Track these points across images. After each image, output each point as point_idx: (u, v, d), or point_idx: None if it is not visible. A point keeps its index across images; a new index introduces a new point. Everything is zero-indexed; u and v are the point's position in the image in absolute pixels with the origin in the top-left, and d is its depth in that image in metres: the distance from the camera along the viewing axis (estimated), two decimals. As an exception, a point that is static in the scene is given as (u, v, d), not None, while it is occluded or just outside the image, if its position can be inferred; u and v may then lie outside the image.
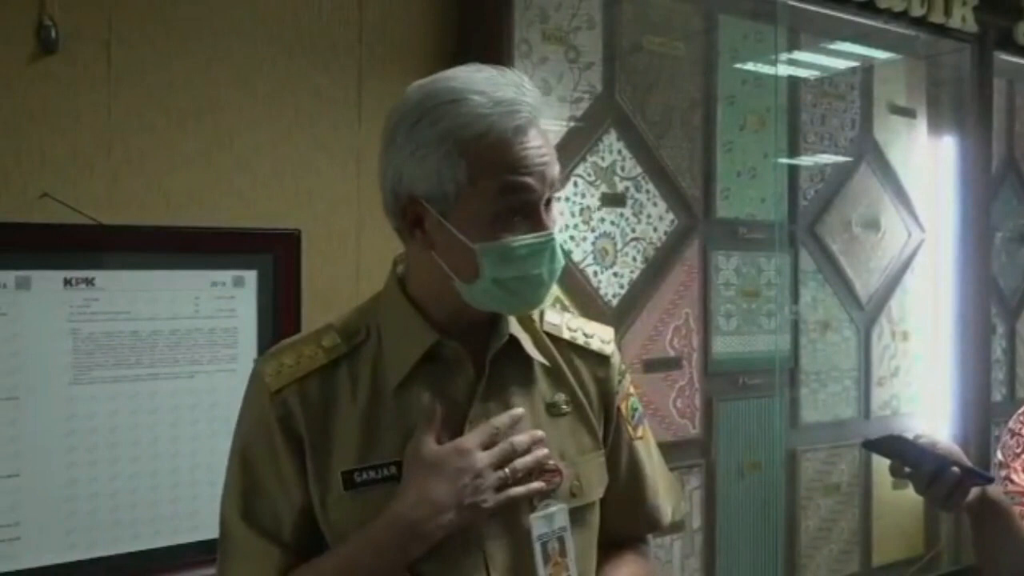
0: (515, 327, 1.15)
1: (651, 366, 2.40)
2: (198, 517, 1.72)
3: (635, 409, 1.27)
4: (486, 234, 1.04)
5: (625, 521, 1.25)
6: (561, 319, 1.23)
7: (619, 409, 1.24)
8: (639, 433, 1.26)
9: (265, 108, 1.87)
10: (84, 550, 1.65)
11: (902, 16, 2.75)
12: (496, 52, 2.04)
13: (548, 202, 1.08)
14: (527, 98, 1.06)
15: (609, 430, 1.22)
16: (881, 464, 2.84)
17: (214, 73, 1.82)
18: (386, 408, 1.09)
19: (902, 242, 3.01)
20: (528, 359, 1.15)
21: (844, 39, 2.81)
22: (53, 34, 1.64)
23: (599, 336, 1.23)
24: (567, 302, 2.24)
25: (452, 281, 1.07)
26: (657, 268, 2.42)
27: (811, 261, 2.78)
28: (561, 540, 1.11)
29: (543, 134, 1.08)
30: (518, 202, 1.04)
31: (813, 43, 2.77)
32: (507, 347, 1.13)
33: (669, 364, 2.44)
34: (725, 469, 2.55)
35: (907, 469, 1.36)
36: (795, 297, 2.74)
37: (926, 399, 3.07)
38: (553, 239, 1.06)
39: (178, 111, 1.78)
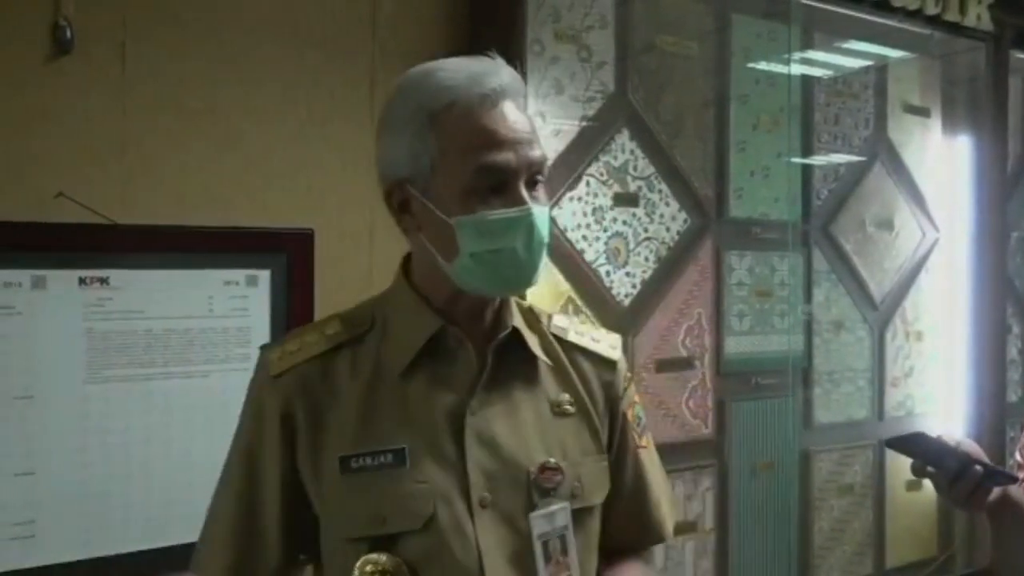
0: (520, 323, 1.16)
1: (663, 366, 2.39)
2: (211, 516, 1.72)
3: (640, 418, 1.27)
4: (462, 208, 1.04)
5: (629, 530, 1.25)
6: (568, 323, 1.23)
7: (625, 415, 1.24)
8: (643, 442, 1.27)
9: (277, 107, 1.88)
10: (98, 547, 1.66)
11: (916, 15, 2.73)
12: (508, 51, 1.99)
13: (534, 183, 1.07)
14: (501, 73, 1.06)
15: (615, 435, 1.22)
16: (895, 465, 2.83)
17: (227, 73, 1.82)
18: (387, 395, 1.09)
19: (916, 242, 2.99)
20: (533, 357, 1.15)
21: (858, 38, 2.80)
22: (68, 34, 1.65)
23: (607, 342, 1.24)
24: (580, 302, 2.23)
25: (440, 264, 1.08)
26: (670, 268, 2.41)
27: (824, 261, 2.77)
28: (563, 539, 1.10)
29: (521, 112, 1.07)
30: (492, 178, 1.04)
31: (827, 42, 2.76)
32: (512, 343, 1.14)
33: (681, 364, 2.43)
34: (738, 469, 2.54)
35: (930, 468, 1.36)
36: (808, 297, 2.73)
37: (940, 400, 3.05)
38: (531, 214, 1.05)
39: (191, 111, 1.78)
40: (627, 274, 2.33)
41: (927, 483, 1.40)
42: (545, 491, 1.10)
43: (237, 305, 1.78)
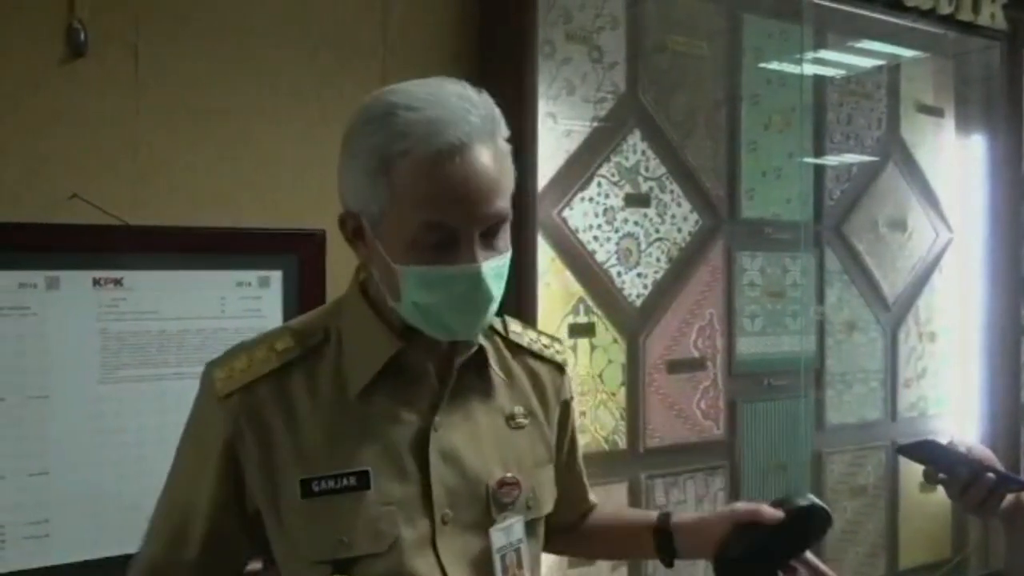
0: (482, 338, 1.14)
1: (675, 367, 2.39)
2: (224, 515, 1.73)
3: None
4: (408, 256, 1.01)
5: (571, 513, 1.32)
6: (523, 328, 1.24)
7: (573, 414, 1.28)
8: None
9: (288, 109, 1.88)
10: (111, 547, 1.67)
11: (930, 14, 2.72)
12: (519, 53, 2.04)
13: (494, 232, 1.03)
14: (470, 118, 0.99)
15: (564, 436, 1.26)
16: (908, 467, 2.81)
17: (238, 75, 1.83)
18: (348, 415, 1.07)
19: (929, 242, 2.98)
20: (488, 370, 1.15)
21: (870, 38, 2.79)
22: (82, 37, 1.66)
23: (554, 347, 1.26)
24: (591, 303, 2.23)
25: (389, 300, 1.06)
26: (681, 269, 2.41)
27: (837, 261, 2.76)
28: (518, 552, 1.12)
29: (487, 158, 1.00)
30: (438, 235, 0.99)
31: (839, 42, 2.75)
32: (471, 358, 1.13)
33: (693, 365, 2.43)
34: (750, 471, 2.53)
35: (941, 475, 1.35)
36: (820, 298, 2.72)
37: (954, 401, 3.03)
38: (478, 271, 1.00)
39: (203, 112, 1.79)
40: (638, 275, 2.33)
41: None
42: (503, 505, 1.11)
43: (249, 306, 1.79)
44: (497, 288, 1.04)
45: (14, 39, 1.63)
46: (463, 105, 1.00)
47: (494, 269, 1.03)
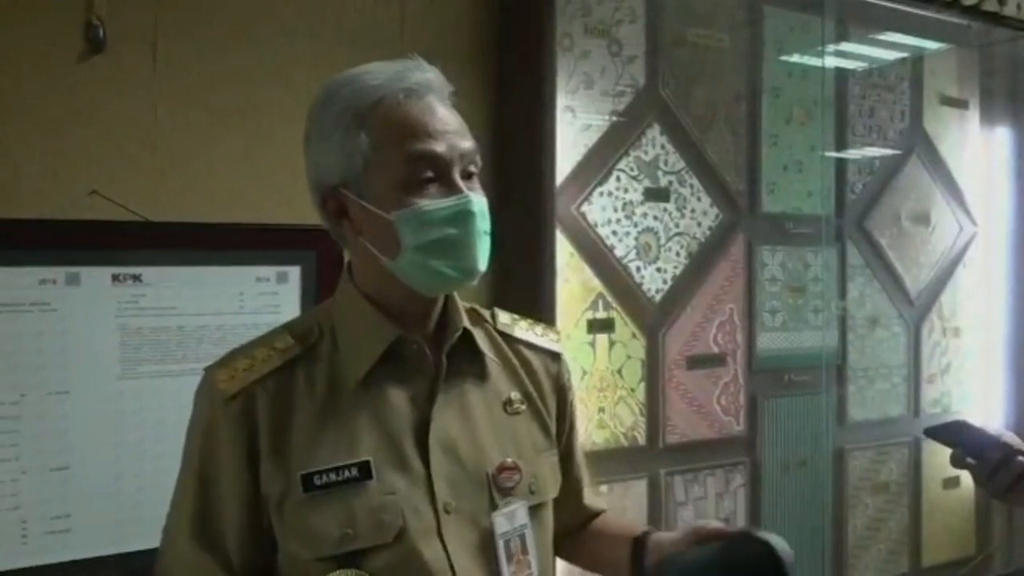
0: (467, 323, 1.15)
1: (695, 362, 2.37)
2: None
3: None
4: (399, 203, 1.03)
5: (576, 514, 1.29)
6: (512, 319, 1.24)
7: (573, 405, 1.27)
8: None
9: (305, 105, 1.87)
10: (131, 542, 1.68)
11: (954, 5, 2.68)
12: (538, 46, 2.02)
13: (468, 175, 1.07)
14: (424, 70, 1.07)
15: (564, 425, 1.25)
16: (931, 462, 2.79)
17: (257, 71, 1.83)
18: (346, 408, 1.07)
19: (953, 236, 2.94)
20: (480, 355, 1.15)
21: (893, 29, 2.75)
22: (101, 34, 1.67)
23: (549, 336, 1.26)
24: (610, 298, 2.22)
25: (384, 263, 1.06)
26: (701, 263, 2.39)
27: (859, 256, 2.73)
28: (522, 538, 1.11)
29: (448, 108, 1.07)
30: (426, 167, 1.03)
31: (861, 34, 2.72)
32: (460, 342, 1.13)
33: (713, 361, 2.41)
34: (771, 467, 2.51)
35: (970, 460, 1.33)
36: (843, 292, 2.70)
37: (978, 396, 3.00)
38: (469, 201, 1.04)
39: (222, 109, 1.79)
40: (658, 270, 2.32)
41: (965, 481, 1.37)
42: (505, 490, 1.11)
43: (268, 301, 1.79)
44: (485, 224, 1.07)
45: (33, 35, 1.64)
46: (414, 63, 1.08)
47: (480, 204, 1.06)
